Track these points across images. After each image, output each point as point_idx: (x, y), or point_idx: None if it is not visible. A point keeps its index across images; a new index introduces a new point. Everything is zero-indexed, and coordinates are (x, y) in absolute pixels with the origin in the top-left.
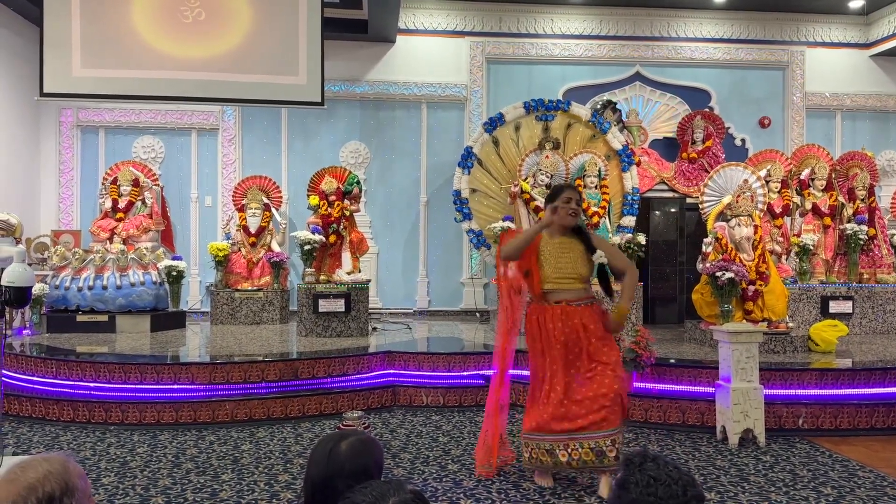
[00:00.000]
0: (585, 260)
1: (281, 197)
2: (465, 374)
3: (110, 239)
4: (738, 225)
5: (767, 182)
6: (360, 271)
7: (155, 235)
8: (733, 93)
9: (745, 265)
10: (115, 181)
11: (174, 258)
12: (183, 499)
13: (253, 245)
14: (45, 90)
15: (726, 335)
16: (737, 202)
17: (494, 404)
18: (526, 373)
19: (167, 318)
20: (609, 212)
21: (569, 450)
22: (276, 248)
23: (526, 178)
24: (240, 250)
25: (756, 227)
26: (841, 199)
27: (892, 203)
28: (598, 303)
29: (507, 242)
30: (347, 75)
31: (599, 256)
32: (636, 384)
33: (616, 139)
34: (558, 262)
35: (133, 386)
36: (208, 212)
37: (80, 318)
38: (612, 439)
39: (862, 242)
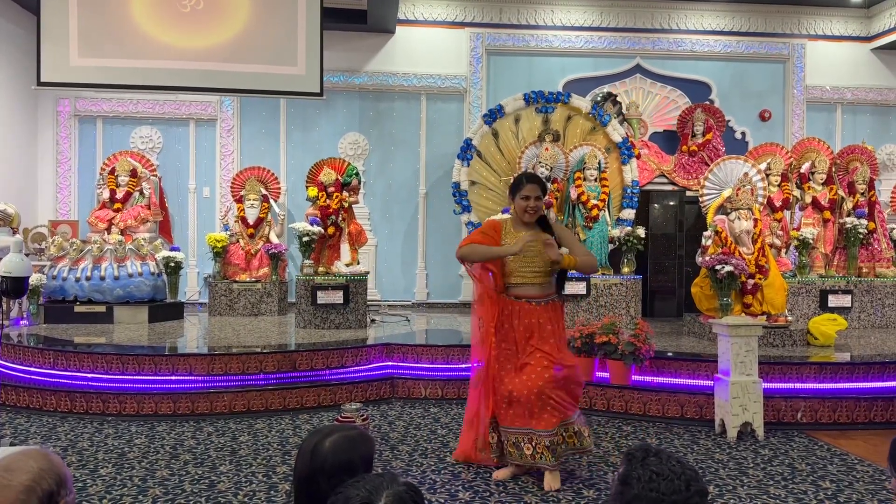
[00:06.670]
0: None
1: (279, 188)
2: (463, 366)
3: (108, 229)
4: (738, 218)
5: (767, 175)
6: (358, 263)
7: (153, 226)
8: (734, 86)
9: (744, 259)
10: (112, 171)
11: (172, 249)
12: (181, 490)
13: (251, 236)
14: (43, 79)
15: (725, 329)
16: (737, 195)
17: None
18: None
19: (165, 309)
20: (609, 204)
21: (532, 442)
22: (274, 239)
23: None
24: (238, 241)
25: (756, 220)
26: (841, 192)
27: (891, 197)
28: (559, 301)
29: (471, 247)
30: (347, 66)
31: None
32: (635, 377)
33: (616, 132)
34: (526, 256)
35: (131, 377)
36: (206, 203)
37: (78, 308)
38: (551, 439)
39: (861, 236)
